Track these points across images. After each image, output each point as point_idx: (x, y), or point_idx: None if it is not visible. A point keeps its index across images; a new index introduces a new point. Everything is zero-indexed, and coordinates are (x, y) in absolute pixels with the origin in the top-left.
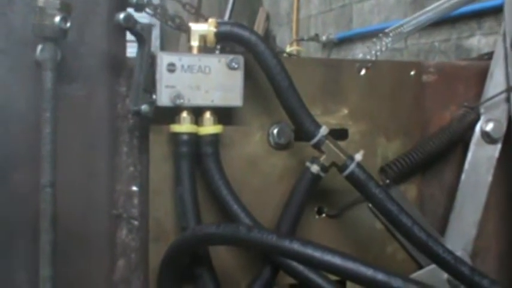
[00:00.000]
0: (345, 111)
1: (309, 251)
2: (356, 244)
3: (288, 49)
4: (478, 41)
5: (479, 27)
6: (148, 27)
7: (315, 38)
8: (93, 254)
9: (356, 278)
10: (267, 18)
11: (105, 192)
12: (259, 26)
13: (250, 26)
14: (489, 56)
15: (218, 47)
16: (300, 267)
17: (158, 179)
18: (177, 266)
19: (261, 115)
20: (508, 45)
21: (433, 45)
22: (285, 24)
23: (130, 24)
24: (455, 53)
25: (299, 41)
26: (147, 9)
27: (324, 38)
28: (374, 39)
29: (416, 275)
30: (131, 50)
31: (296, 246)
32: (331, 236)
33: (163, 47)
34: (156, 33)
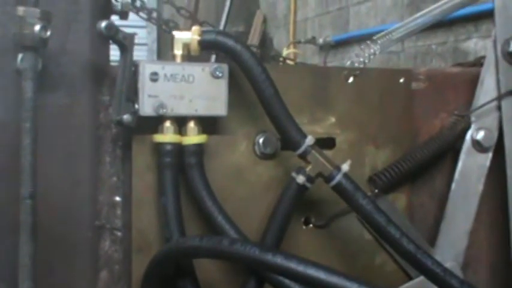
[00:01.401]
0: (333, 119)
1: (292, 265)
2: (344, 255)
3: (285, 52)
4: (475, 44)
5: (476, 29)
6: (131, 36)
7: (312, 40)
8: (76, 265)
9: None
10: (264, 21)
11: (87, 202)
12: (256, 29)
13: (247, 29)
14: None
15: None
16: (286, 281)
17: (141, 189)
18: (160, 278)
19: (246, 124)
20: (498, 52)
21: (430, 48)
22: (282, 27)
23: (112, 33)
24: (453, 56)
25: (296, 43)
26: (141, 13)
27: (320, 40)
28: (362, 46)
29: (405, 287)
30: (114, 52)
31: (279, 260)
32: (318, 247)
33: (159, 50)
34: (153, 36)
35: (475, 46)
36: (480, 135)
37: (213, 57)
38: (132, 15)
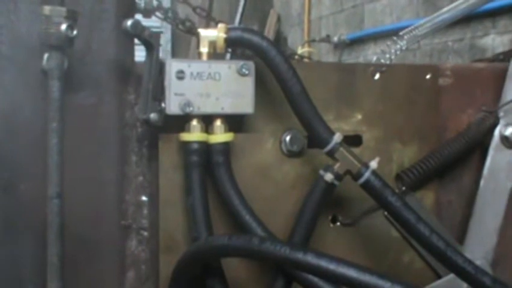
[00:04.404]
0: (359, 116)
1: (323, 264)
2: (371, 253)
3: (300, 50)
4: (492, 40)
5: (493, 26)
6: (157, 35)
7: (327, 39)
8: (103, 265)
9: None
10: (278, 19)
11: (114, 202)
12: (270, 28)
13: (261, 28)
14: (504, 55)
15: (229, 50)
16: (315, 279)
17: (168, 188)
18: (188, 278)
19: (273, 122)
20: None
21: (446, 45)
22: (296, 26)
23: (138, 31)
24: (470, 53)
25: (310, 42)
26: (158, 13)
27: (335, 38)
28: (388, 43)
29: (435, 285)
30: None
31: (310, 258)
32: (345, 245)
33: (174, 51)
34: (167, 37)
35: (492, 42)
36: (509, 131)
37: (228, 55)
38: None
